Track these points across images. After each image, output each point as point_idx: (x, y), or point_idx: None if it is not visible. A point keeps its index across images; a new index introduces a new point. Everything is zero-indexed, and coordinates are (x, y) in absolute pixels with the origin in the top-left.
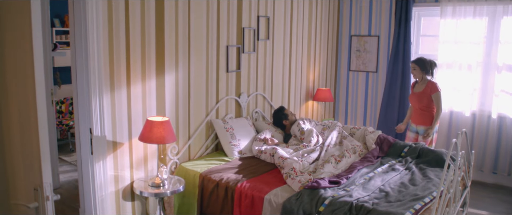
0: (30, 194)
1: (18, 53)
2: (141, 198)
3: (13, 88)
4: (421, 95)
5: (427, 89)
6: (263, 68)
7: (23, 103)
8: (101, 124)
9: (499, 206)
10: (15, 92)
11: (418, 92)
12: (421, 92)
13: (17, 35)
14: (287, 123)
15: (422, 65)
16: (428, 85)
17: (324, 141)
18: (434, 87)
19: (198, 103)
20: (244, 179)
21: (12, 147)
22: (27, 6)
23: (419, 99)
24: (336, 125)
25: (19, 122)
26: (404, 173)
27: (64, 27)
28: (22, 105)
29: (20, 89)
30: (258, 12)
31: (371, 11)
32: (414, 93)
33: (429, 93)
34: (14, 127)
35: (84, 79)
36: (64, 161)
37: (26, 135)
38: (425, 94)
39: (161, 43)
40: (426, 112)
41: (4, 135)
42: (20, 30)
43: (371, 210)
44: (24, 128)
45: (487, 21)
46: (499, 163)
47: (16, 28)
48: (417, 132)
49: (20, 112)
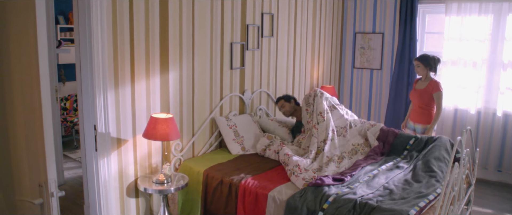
0: (35, 190)
1: (22, 51)
2: (145, 194)
3: (18, 85)
4: (423, 93)
5: (429, 88)
6: (267, 66)
7: (28, 100)
8: (105, 120)
9: (503, 204)
10: (20, 89)
11: (420, 90)
12: (423, 89)
13: (21, 32)
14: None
15: (426, 62)
16: (431, 84)
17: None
18: (436, 86)
19: (202, 100)
20: (248, 176)
21: (17, 143)
22: (32, 3)
23: (420, 96)
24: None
25: (24, 118)
26: (408, 170)
27: (69, 24)
28: (27, 102)
29: (25, 86)
30: (262, 9)
31: (375, 8)
32: (416, 90)
33: (431, 91)
34: (19, 123)
35: (89, 76)
36: (68, 158)
37: (30, 132)
38: (426, 92)
39: (165, 40)
40: (425, 111)
41: (9, 132)
42: (24, 27)
43: (376, 208)
44: (29, 125)
45: (492, 18)
46: (504, 160)
47: (20, 25)
48: (415, 130)
49: (25, 108)
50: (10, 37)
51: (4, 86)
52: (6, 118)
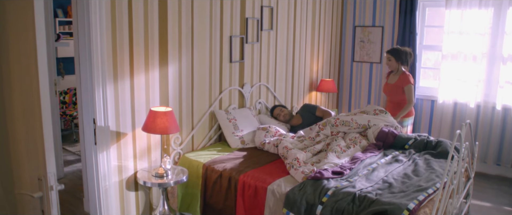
0: (35, 184)
1: (21, 44)
2: (145, 188)
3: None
4: (394, 88)
5: (400, 82)
6: (266, 59)
7: (27, 94)
8: (104, 114)
9: (502, 197)
10: (18, 83)
11: (391, 84)
12: (394, 84)
13: (20, 25)
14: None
15: (397, 56)
16: (401, 77)
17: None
18: (406, 80)
19: (201, 93)
20: (247, 169)
21: (16, 137)
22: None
23: (392, 91)
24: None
25: (23, 112)
26: (407, 164)
27: (67, 17)
28: (25, 96)
29: (24, 80)
30: (261, 2)
31: (375, 1)
32: (387, 85)
33: (401, 86)
34: (18, 117)
35: (88, 70)
36: (68, 151)
37: (30, 126)
38: (397, 87)
39: (164, 34)
40: (400, 105)
41: (8, 126)
42: (23, 21)
43: (375, 201)
44: (28, 119)
45: (492, 12)
46: (503, 154)
47: (19, 19)
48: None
49: (24, 102)
50: (9, 32)
51: (3, 80)
52: (5, 112)
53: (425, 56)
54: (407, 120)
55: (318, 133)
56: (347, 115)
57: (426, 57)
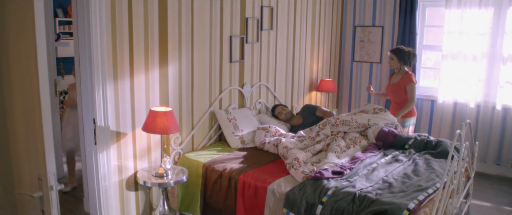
0: (35, 184)
1: (21, 44)
2: (145, 188)
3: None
4: (397, 87)
5: (402, 81)
6: (266, 59)
7: (27, 94)
8: (104, 114)
9: (502, 197)
10: (18, 83)
11: (394, 84)
12: (396, 83)
13: (20, 25)
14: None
15: (400, 55)
16: (403, 77)
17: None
18: (409, 79)
19: (201, 93)
20: (247, 169)
21: (16, 137)
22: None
23: (394, 91)
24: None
25: (23, 112)
26: (407, 164)
27: (67, 17)
28: (25, 96)
29: (24, 80)
30: (261, 2)
31: (375, 1)
32: (390, 84)
33: (404, 85)
34: (18, 117)
35: (87, 70)
36: None
37: (30, 125)
38: (400, 86)
39: (164, 33)
40: (402, 105)
41: (8, 125)
42: (23, 21)
43: (375, 201)
44: (28, 119)
45: (492, 11)
46: (503, 154)
47: (19, 19)
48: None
49: (24, 102)
50: (9, 32)
51: (3, 80)
52: (5, 112)
53: (425, 56)
54: (409, 120)
55: (318, 132)
56: (347, 114)
57: (426, 57)
